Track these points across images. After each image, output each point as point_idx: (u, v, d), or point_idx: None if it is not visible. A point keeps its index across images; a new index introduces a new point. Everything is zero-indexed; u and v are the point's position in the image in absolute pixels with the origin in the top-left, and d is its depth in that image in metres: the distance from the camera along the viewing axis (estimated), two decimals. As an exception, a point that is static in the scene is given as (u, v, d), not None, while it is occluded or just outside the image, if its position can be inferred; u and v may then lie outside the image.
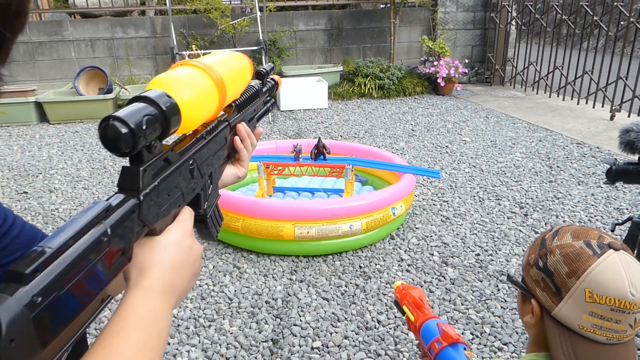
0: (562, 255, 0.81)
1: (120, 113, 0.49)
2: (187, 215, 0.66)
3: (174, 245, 0.61)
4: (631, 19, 4.68)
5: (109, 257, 0.49)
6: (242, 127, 0.82)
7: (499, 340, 1.81)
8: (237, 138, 0.81)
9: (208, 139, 0.71)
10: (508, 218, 2.78)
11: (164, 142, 0.61)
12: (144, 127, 0.50)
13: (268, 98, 0.98)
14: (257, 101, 0.89)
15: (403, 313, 1.12)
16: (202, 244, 2.48)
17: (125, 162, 0.57)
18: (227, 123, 0.77)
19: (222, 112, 0.78)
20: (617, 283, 0.76)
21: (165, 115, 0.53)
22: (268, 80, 0.96)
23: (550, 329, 0.83)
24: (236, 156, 0.83)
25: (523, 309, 0.91)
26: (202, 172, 0.71)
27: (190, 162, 0.66)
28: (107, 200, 0.52)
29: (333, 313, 1.97)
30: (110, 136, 0.48)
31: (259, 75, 0.92)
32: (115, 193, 0.54)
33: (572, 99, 5.61)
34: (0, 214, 0.72)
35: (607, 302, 0.77)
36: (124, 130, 0.48)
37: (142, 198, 0.54)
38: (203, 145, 0.69)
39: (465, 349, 0.97)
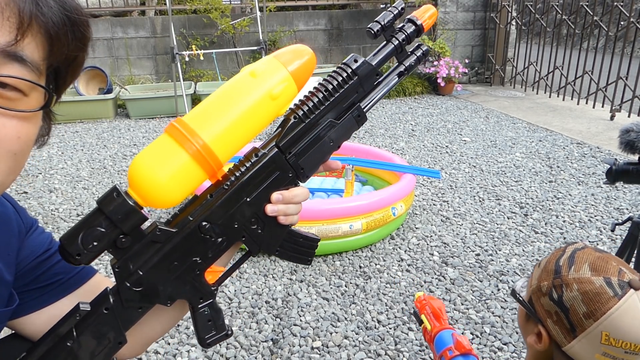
0: (581, 293, 0.77)
1: (64, 236, 0.58)
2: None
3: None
4: (631, 19, 4.68)
5: (85, 351, 0.64)
6: (278, 195, 0.68)
7: (499, 340, 1.81)
8: (269, 207, 0.68)
9: (232, 190, 0.65)
10: (508, 218, 2.78)
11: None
12: (84, 243, 0.58)
13: (415, 49, 0.72)
14: (354, 84, 0.68)
15: (421, 323, 1.13)
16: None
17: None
18: (275, 150, 0.67)
19: (277, 129, 0.68)
20: (635, 328, 0.74)
21: (113, 222, 0.58)
22: (402, 27, 0.70)
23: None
24: None
25: (526, 328, 0.88)
26: (232, 224, 0.67)
27: (203, 224, 0.64)
28: (95, 298, 0.66)
29: (333, 313, 1.97)
30: (62, 258, 0.59)
31: (369, 34, 0.70)
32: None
33: (572, 99, 5.61)
34: (47, 240, 0.80)
35: (623, 346, 0.74)
36: (65, 253, 0.58)
37: (120, 291, 0.64)
38: (224, 199, 0.65)
39: None
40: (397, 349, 1.77)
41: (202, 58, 4.95)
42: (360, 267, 2.31)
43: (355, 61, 0.68)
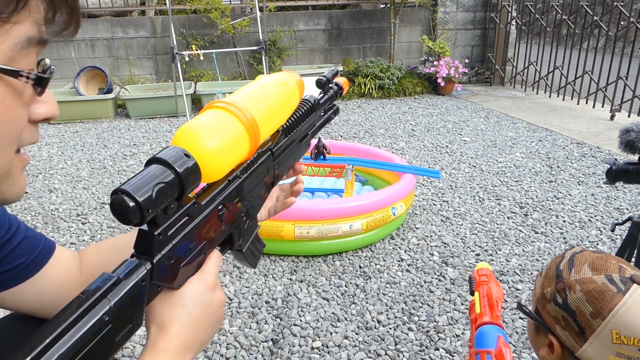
0: (584, 293, 0.77)
1: (129, 185, 0.48)
2: (211, 265, 0.65)
3: (192, 301, 0.61)
4: (631, 19, 4.68)
5: (114, 331, 0.50)
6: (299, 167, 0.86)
7: (499, 340, 1.81)
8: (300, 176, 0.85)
9: (243, 177, 0.68)
10: (508, 218, 2.78)
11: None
12: (154, 197, 0.49)
13: (330, 105, 0.93)
14: (313, 116, 0.84)
15: (472, 294, 1.12)
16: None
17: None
18: (269, 153, 0.74)
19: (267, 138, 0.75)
20: None
21: (181, 179, 0.52)
22: (330, 86, 0.91)
23: None
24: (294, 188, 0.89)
25: (537, 341, 0.87)
26: (235, 213, 0.69)
27: (220, 207, 0.64)
28: (117, 269, 0.53)
29: (333, 313, 1.97)
30: (119, 210, 0.48)
31: (319, 84, 0.88)
32: (131, 256, 0.55)
33: (572, 99, 5.61)
34: (6, 220, 0.74)
35: (636, 342, 0.73)
36: (131, 204, 0.48)
37: (155, 262, 0.55)
38: (236, 187, 0.67)
39: None
40: (397, 349, 1.77)
41: (202, 58, 4.95)
42: (360, 267, 2.31)
43: (313, 100, 0.84)
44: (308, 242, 2.34)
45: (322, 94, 0.89)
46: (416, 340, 1.82)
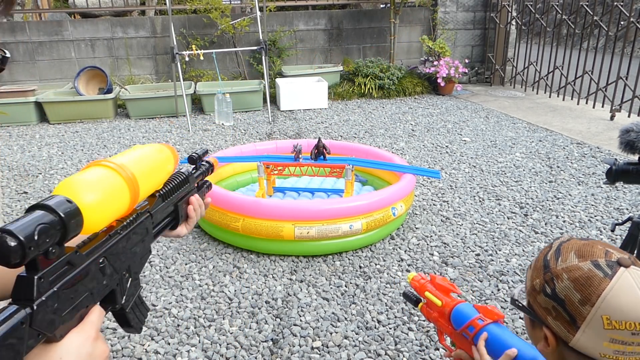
0: (571, 281, 0.76)
1: (12, 225, 0.49)
2: (94, 317, 0.64)
3: (71, 354, 0.59)
4: (631, 19, 4.68)
5: None
6: (195, 198, 0.94)
7: (499, 340, 1.81)
8: (190, 207, 0.94)
9: (123, 234, 0.70)
10: (508, 218, 2.78)
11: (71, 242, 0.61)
12: (36, 237, 0.50)
13: (204, 181, 1.04)
14: (188, 186, 0.93)
15: (416, 303, 1.09)
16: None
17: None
18: (148, 214, 0.78)
19: (145, 202, 0.79)
20: (634, 306, 0.72)
21: (64, 221, 0.54)
22: (202, 163, 1.02)
23: (570, 359, 0.79)
24: (188, 220, 0.95)
25: (534, 335, 0.86)
26: (117, 268, 0.70)
27: (101, 260, 0.65)
28: None
29: (333, 313, 1.97)
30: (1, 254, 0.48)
31: (191, 160, 0.99)
32: (8, 304, 0.53)
33: (572, 99, 5.61)
34: None
35: (628, 327, 0.72)
36: (12, 243, 0.48)
37: (35, 307, 0.54)
38: (117, 242, 0.69)
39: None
40: (397, 349, 1.77)
41: (202, 58, 4.95)
42: (360, 267, 2.31)
43: (187, 172, 0.92)
44: (308, 242, 2.34)
45: (194, 169, 0.99)
46: (416, 340, 1.82)
